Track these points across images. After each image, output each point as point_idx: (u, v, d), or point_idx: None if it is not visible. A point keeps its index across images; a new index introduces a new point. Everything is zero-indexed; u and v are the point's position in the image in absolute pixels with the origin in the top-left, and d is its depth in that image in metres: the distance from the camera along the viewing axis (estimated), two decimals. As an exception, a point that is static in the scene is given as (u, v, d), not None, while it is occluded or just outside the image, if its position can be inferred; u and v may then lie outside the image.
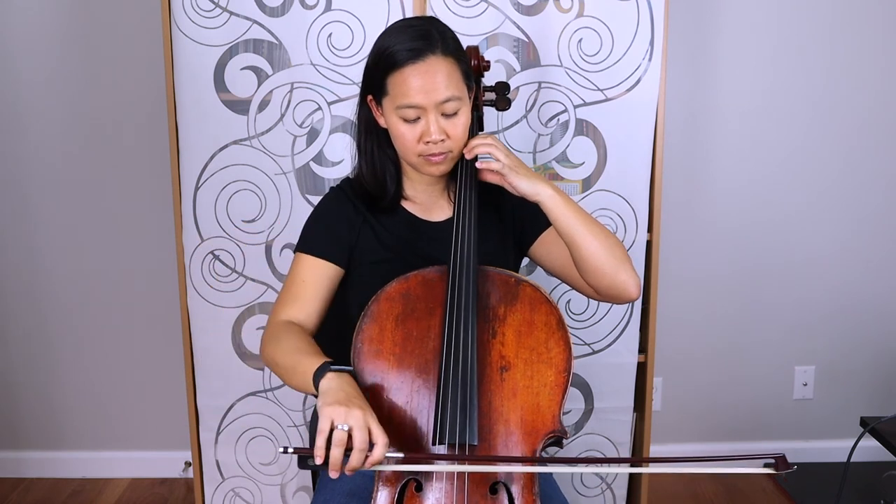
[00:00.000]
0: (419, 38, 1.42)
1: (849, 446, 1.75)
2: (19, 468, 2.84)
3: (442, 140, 1.43)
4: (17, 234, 2.69)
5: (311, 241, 1.55)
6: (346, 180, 1.62)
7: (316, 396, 1.28)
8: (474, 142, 1.47)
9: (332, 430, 1.19)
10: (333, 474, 1.20)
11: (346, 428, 1.18)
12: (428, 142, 1.43)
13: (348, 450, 1.19)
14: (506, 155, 1.46)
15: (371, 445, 1.21)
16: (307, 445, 2.24)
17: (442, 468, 1.31)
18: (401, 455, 1.25)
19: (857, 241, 2.77)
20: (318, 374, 1.29)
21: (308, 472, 2.27)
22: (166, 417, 2.76)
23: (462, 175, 1.51)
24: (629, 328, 2.27)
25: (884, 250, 2.78)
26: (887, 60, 2.66)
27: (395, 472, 1.34)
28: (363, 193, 1.57)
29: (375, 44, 1.47)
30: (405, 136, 1.44)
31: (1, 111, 2.61)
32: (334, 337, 1.53)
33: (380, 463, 1.22)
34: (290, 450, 1.20)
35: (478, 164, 1.46)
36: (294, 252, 1.56)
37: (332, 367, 1.30)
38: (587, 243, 1.45)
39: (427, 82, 1.40)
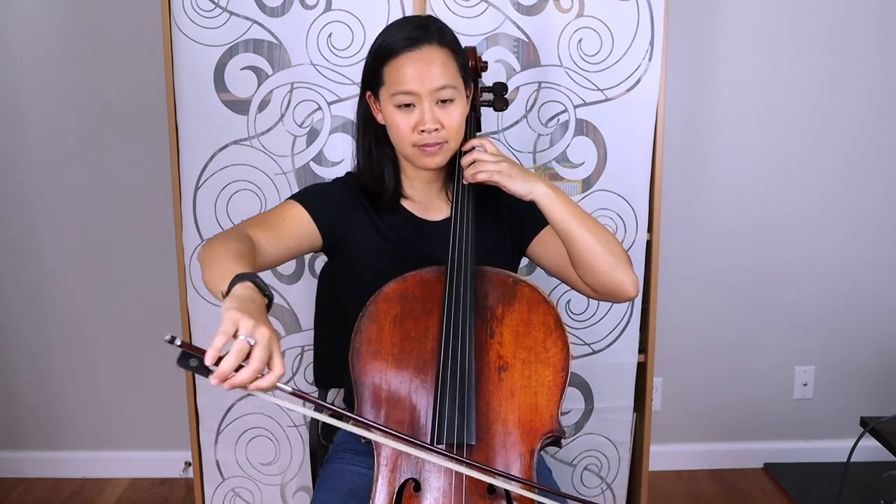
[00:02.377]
0: (416, 28, 1.44)
1: (849, 446, 1.74)
2: (19, 468, 2.84)
3: (436, 129, 1.43)
4: (17, 233, 2.69)
5: (307, 196, 1.54)
6: (350, 174, 1.62)
7: (221, 297, 1.19)
8: (466, 158, 1.46)
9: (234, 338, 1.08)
10: (214, 382, 1.07)
11: (251, 341, 1.07)
12: (423, 130, 1.43)
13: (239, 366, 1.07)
14: (496, 160, 1.44)
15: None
16: (307, 446, 2.25)
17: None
18: (289, 389, 1.12)
19: (857, 241, 2.77)
20: (240, 278, 1.18)
21: (308, 472, 2.27)
22: (166, 417, 2.76)
23: (459, 175, 1.51)
24: (629, 328, 2.27)
25: (884, 250, 2.78)
26: (887, 60, 2.66)
27: (394, 472, 1.34)
28: (364, 190, 1.57)
29: (374, 40, 1.48)
30: (400, 126, 1.45)
31: (1, 110, 2.61)
32: (335, 336, 1.54)
33: (266, 390, 1.09)
34: (178, 341, 1.05)
35: (469, 180, 1.45)
36: (285, 199, 1.54)
37: (258, 280, 1.19)
38: (584, 241, 1.45)
39: (422, 70, 1.41)
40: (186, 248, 2.18)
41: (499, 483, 1.30)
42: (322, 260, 2.07)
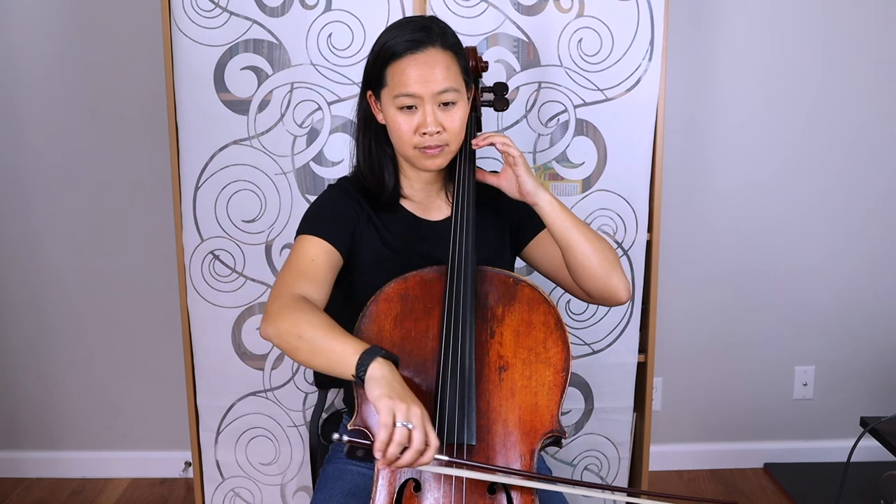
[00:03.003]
0: (419, 30, 1.44)
1: (849, 446, 1.74)
2: (19, 468, 2.84)
3: (438, 132, 1.44)
4: (17, 233, 2.69)
5: (316, 224, 1.51)
6: (344, 179, 1.62)
7: (352, 379, 1.25)
8: (491, 136, 1.49)
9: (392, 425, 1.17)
10: (383, 467, 1.21)
11: (410, 426, 1.17)
12: (424, 133, 1.43)
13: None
14: (518, 150, 1.48)
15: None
16: (307, 446, 2.25)
17: (472, 475, 1.30)
18: (445, 458, 1.25)
19: (858, 241, 2.77)
20: (368, 357, 1.24)
21: (308, 472, 2.27)
22: (166, 417, 2.76)
23: (460, 175, 1.51)
24: (629, 328, 2.27)
25: (884, 250, 2.78)
26: (887, 60, 2.66)
27: (394, 472, 1.34)
28: (363, 191, 1.57)
29: (376, 40, 1.48)
30: (401, 128, 1.45)
31: (1, 110, 2.61)
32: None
33: (426, 464, 1.21)
34: (345, 438, 1.19)
35: (498, 147, 1.47)
36: (297, 235, 1.51)
37: (382, 352, 1.26)
38: (581, 248, 1.47)
39: (425, 72, 1.41)
40: (186, 248, 2.18)
41: (498, 479, 1.31)
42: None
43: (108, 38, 2.56)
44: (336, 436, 1.18)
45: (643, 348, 2.30)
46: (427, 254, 1.52)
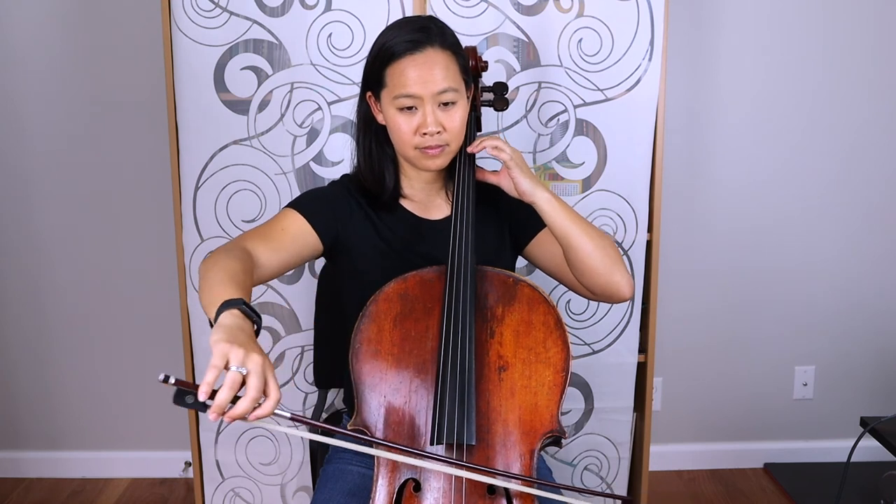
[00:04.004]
0: (418, 31, 1.44)
1: (849, 446, 1.74)
2: (19, 468, 2.84)
3: (438, 132, 1.44)
4: (17, 233, 2.69)
5: (304, 204, 1.53)
6: (347, 176, 1.62)
7: (212, 325, 1.18)
8: (484, 140, 1.48)
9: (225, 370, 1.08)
10: (213, 417, 1.06)
11: (243, 371, 1.07)
12: (424, 133, 1.43)
13: (236, 396, 1.07)
14: (512, 151, 1.47)
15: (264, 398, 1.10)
16: (307, 446, 2.25)
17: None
18: (288, 414, 1.12)
19: (858, 241, 2.77)
20: (226, 305, 1.18)
21: (308, 472, 2.27)
22: (166, 417, 2.75)
23: (460, 174, 1.51)
24: (629, 328, 2.27)
25: (884, 250, 2.78)
26: (887, 60, 2.66)
27: (394, 472, 1.34)
28: (363, 190, 1.57)
29: (375, 41, 1.48)
30: (402, 128, 1.45)
31: (1, 111, 2.61)
32: (335, 336, 1.54)
33: (265, 417, 1.09)
34: (172, 380, 1.03)
35: (489, 151, 1.47)
36: (283, 208, 1.53)
37: (245, 306, 1.19)
38: (582, 245, 1.46)
39: (425, 73, 1.41)
40: (186, 248, 2.18)
41: (498, 483, 1.30)
42: (322, 260, 2.07)
43: (108, 39, 2.56)
44: (162, 375, 1.03)
45: (643, 348, 2.30)
46: (427, 253, 1.52)
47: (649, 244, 2.24)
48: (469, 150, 1.51)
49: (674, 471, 2.87)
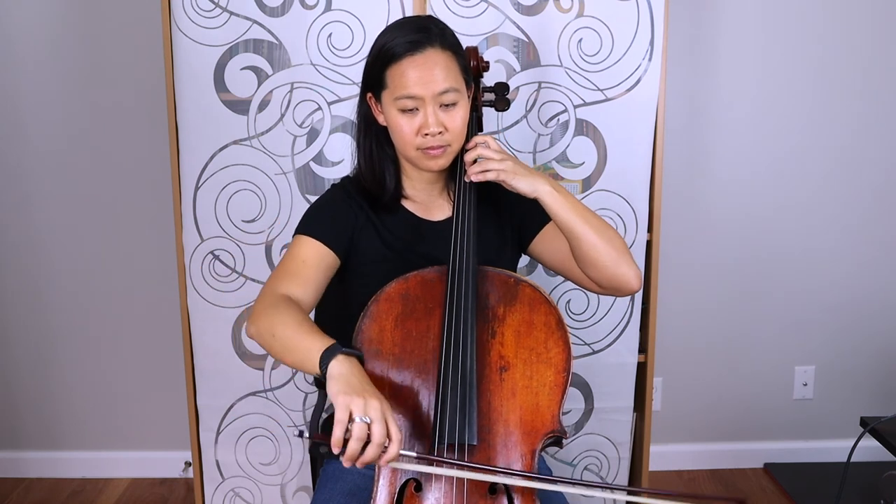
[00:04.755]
0: (418, 31, 1.43)
1: (849, 446, 1.74)
2: (19, 468, 2.84)
3: (440, 133, 1.43)
4: (17, 233, 2.69)
5: (313, 225, 1.53)
6: (347, 178, 1.62)
7: (319, 376, 1.26)
8: (469, 155, 1.46)
9: (350, 421, 1.16)
10: (347, 465, 1.17)
11: (367, 420, 1.16)
12: (426, 134, 1.43)
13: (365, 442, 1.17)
14: (501, 158, 1.44)
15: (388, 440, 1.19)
16: (307, 446, 2.25)
17: (451, 472, 1.29)
18: (414, 454, 1.24)
19: (857, 241, 2.77)
20: (328, 355, 1.25)
21: (308, 472, 2.27)
22: (166, 417, 2.76)
23: (461, 174, 1.51)
24: (629, 328, 2.27)
25: (883, 250, 2.78)
26: (885, 59, 2.66)
27: (394, 472, 1.34)
28: (364, 192, 1.57)
29: (375, 41, 1.48)
30: (403, 129, 1.45)
31: (1, 111, 2.61)
32: (335, 336, 1.53)
33: (393, 460, 1.20)
34: (306, 435, 1.18)
35: (473, 178, 1.45)
36: (294, 235, 1.53)
37: (343, 349, 1.27)
38: (587, 237, 1.45)
39: (425, 74, 1.41)
40: (186, 248, 2.18)
41: (500, 480, 1.30)
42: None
43: (108, 39, 2.56)
44: (297, 431, 1.18)
45: (643, 348, 2.30)
46: (428, 254, 1.52)
47: (649, 244, 2.24)
48: (467, 157, 1.49)
49: (674, 471, 2.87)
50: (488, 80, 1.65)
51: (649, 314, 2.27)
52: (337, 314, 1.61)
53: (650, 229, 2.23)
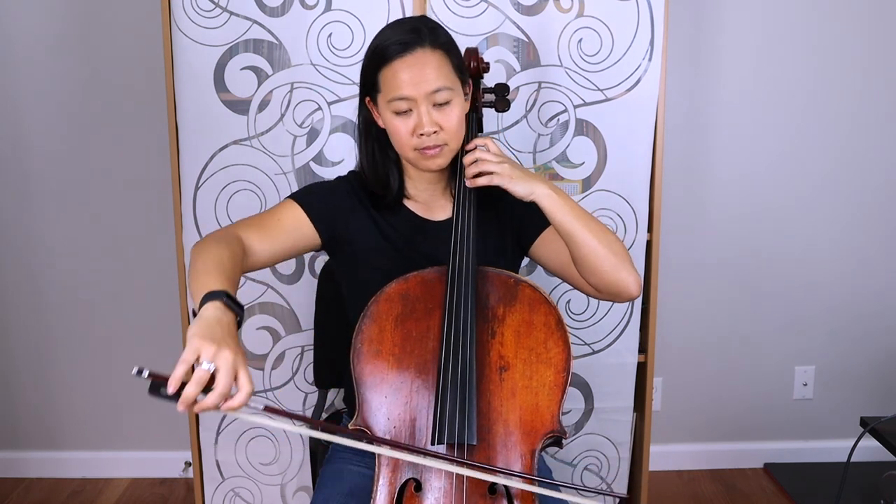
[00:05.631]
0: (408, 32, 1.44)
1: (849, 446, 1.74)
2: (19, 468, 2.84)
3: (435, 132, 1.43)
4: (18, 233, 2.69)
5: (307, 197, 1.54)
6: (353, 173, 1.62)
7: (194, 315, 1.21)
8: (468, 157, 1.46)
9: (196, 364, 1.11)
10: (181, 409, 1.10)
11: (211, 368, 1.10)
12: (421, 134, 1.43)
13: (206, 389, 1.10)
14: (498, 161, 1.43)
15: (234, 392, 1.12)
16: (307, 446, 2.25)
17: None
18: (260, 407, 1.16)
19: (857, 242, 2.77)
20: (208, 297, 1.20)
21: (308, 472, 2.27)
22: (166, 417, 2.75)
23: (461, 175, 1.51)
24: (629, 328, 2.27)
25: (883, 251, 2.78)
26: (886, 56, 2.66)
27: (394, 472, 1.34)
28: (367, 189, 1.57)
29: (369, 46, 1.48)
30: (399, 131, 1.45)
31: (1, 111, 2.61)
32: (335, 336, 1.54)
33: (236, 409, 1.12)
34: (146, 373, 1.09)
35: (468, 184, 1.46)
36: (285, 198, 1.55)
37: (226, 299, 1.20)
38: (586, 241, 1.44)
39: (416, 74, 1.41)
40: (186, 248, 2.17)
41: (499, 480, 1.30)
42: (322, 260, 2.07)
43: (108, 39, 2.56)
44: (136, 368, 1.10)
45: (643, 348, 2.30)
46: (429, 254, 1.52)
47: (649, 244, 2.24)
48: (466, 160, 1.48)
49: (674, 471, 2.87)
50: (488, 80, 1.65)
51: (649, 314, 2.27)
52: (336, 314, 1.62)
53: (650, 229, 2.23)
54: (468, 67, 1.57)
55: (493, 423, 1.36)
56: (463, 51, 1.54)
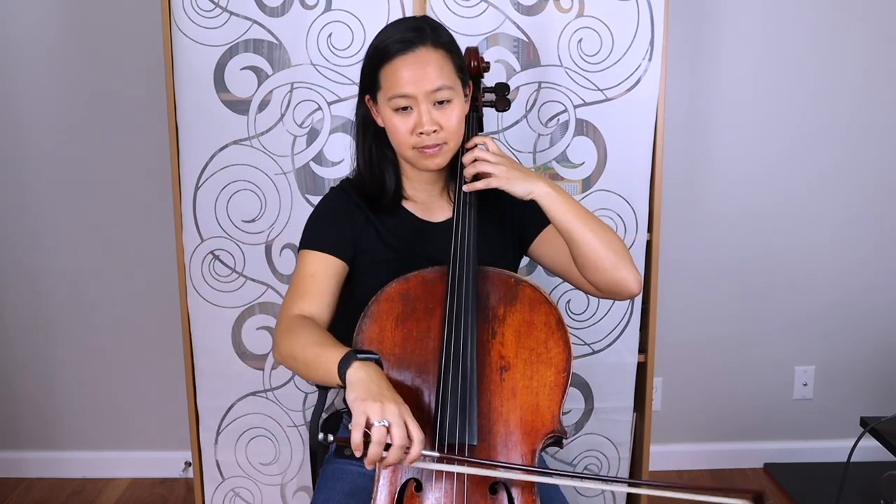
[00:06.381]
0: (410, 30, 1.44)
1: (849, 446, 1.75)
2: (19, 468, 2.84)
3: (434, 131, 1.43)
4: (17, 233, 2.69)
5: (315, 237, 1.54)
6: (347, 180, 1.62)
7: (342, 388, 1.26)
8: (467, 156, 1.46)
9: (368, 426, 1.17)
10: (369, 467, 1.19)
11: (385, 424, 1.17)
12: (421, 133, 1.43)
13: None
14: (496, 161, 1.44)
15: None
16: (307, 446, 2.25)
17: (472, 471, 1.29)
18: (436, 454, 1.24)
19: (857, 242, 2.77)
20: (344, 364, 1.26)
21: (308, 472, 2.27)
22: (166, 417, 2.76)
23: (461, 176, 1.50)
24: (629, 328, 2.27)
25: (884, 250, 2.78)
26: (886, 56, 2.66)
27: (395, 472, 1.34)
28: (364, 193, 1.57)
29: (370, 44, 1.48)
30: (398, 129, 1.45)
31: (1, 111, 2.61)
32: (337, 337, 1.53)
33: (416, 460, 1.21)
34: (331, 438, 1.21)
35: (465, 188, 1.46)
36: (298, 250, 1.55)
37: (358, 355, 1.27)
38: (586, 239, 1.44)
39: (417, 73, 1.41)
40: (186, 248, 2.17)
41: (500, 475, 1.31)
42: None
43: (108, 39, 2.56)
44: (321, 435, 1.20)
45: (643, 348, 2.30)
46: (429, 255, 1.52)
47: (649, 244, 2.24)
48: (465, 160, 1.48)
49: (674, 471, 2.87)
50: (488, 80, 1.65)
51: (649, 314, 2.27)
52: (336, 315, 1.61)
53: (650, 229, 2.23)
54: (468, 67, 1.57)
55: (494, 423, 1.36)
56: (463, 50, 1.54)
